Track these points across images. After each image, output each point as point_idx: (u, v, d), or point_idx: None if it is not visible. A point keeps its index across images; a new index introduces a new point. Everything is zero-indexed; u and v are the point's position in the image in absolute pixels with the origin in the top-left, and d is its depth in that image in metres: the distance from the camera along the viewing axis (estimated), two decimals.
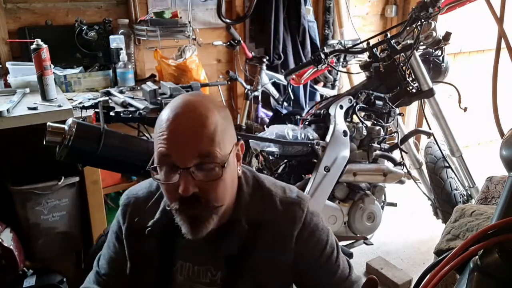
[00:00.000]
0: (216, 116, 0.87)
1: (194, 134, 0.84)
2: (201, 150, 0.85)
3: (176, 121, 0.85)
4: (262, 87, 2.84)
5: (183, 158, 0.84)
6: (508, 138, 0.76)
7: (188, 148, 0.84)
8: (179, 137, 0.84)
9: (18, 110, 1.81)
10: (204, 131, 0.85)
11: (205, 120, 0.85)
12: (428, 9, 1.91)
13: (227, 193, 0.92)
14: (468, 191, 2.32)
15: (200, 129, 0.85)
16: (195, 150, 0.84)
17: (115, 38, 2.40)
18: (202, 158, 0.85)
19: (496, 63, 1.09)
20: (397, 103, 2.04)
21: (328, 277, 1.04)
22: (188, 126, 0.85)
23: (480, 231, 0.69)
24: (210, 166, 0.86)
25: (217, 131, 0.86)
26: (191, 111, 0.86)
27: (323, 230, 1.03)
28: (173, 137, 0.84)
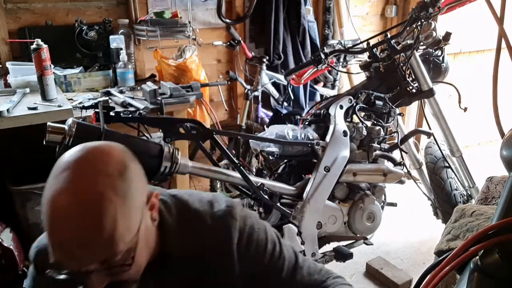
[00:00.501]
0: (114, 201, 0.69)
1: (85, 244, 0.68)
2: (99, 259, 0.70)
3: (59, 225, 0.68)
4: (262, 87, 2.84)
5: (77, 266, 0.69)
6: (508, 138, 0.76)
7: (80, 257, 0.69)
8: (66, 246, 0.68)
9: (18, 110, 1.81)
10: (98, 238, 0.68)
11: (98, 221, 0.68)
12: (428, 9, 1.91)
13: (143, 258, 0.81)
14: (468, 191, 2.32)
15: (92, 238, 0.68)
16: (90, 260, 0.69)
17: (115, 38, 2.40)
18: (103, 264, 0.71)
19: (496, 63, 1.09)
20: (397, 103, 2.04)
21: (277, 273, 1.00)
22: (76, 234, 0.67)
23: (480, 231, 0.69)
24: (116, 264, 0.73)
25: (117, 225, 0.69)
26: (78, 213, 0.67)
27: (260, 228, 0.99)
28: (58, 242, 0.68)
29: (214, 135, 1.67)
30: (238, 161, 1.73)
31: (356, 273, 2.40)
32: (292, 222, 1.80)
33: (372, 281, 2.34)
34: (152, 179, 1.56)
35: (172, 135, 1.59)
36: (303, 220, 1.80)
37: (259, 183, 1.74)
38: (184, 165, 1.58)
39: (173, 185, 2.31)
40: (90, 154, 0.73)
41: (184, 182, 2.27)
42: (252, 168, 2.76)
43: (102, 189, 0.69)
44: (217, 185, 2.94)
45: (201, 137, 1.68)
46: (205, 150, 1.73)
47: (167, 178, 1.61)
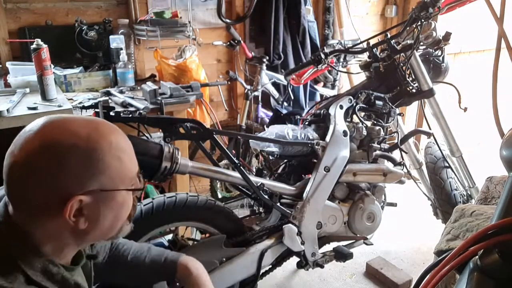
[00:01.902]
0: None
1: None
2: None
3: (129, 142, 0.92)
4: (262, 87, 2.84)
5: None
6: (508, 138, 0.76)
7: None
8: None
9: (18, 110, 1.81)
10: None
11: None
12: (428, 9, 1.91)
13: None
14: (468, 191, 2.32)
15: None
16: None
17: (115, 38, 2.40)
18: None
19: (496, 63, 1.09)
20: (397, 103, 2.04)
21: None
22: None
23: (480, 231, 0.69)
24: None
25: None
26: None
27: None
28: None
29: (214, 135, 1.67)
30: (238, 161, 1.73)
31: (356, 273, 2.40)
32: (292, 222, 1.80)
33: (372, 281, 2.34)
34: (152, 179, 1.57)
35: (172, 135, 1.59)
36: (303, 220, 1.80)
37: (259, 183, 1.74)
38: (184, 165, 1.58)
39: (173, 185, 2.31)
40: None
41: (184, 182, 2.27)
42: (252, 168, 2.76)
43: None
44: (217, 185, 2.94)
45: (201, 137, 1.68)
46: (205, 150, 1.73)
47: (167, 178, 1.61)
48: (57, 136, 0.78)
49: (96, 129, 0.82)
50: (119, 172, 0.84)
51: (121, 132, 0.89)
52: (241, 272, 1.71)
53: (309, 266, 1.89)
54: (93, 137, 0.81)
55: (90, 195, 0.80)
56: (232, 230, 1.73)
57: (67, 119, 0.83)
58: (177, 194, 1.63)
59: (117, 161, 0.83)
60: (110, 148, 0.82)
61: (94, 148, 0.80)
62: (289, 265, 2.25)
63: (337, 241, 2.00)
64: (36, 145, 0.77)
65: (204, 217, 1.68)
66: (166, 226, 1.63)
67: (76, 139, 0.79)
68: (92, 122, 0.84)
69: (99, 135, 0.82)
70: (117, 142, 0.85)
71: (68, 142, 0.78)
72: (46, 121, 0.81)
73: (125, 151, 0.87)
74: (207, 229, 1.71)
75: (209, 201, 1.67)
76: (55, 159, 0.77)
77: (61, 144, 0.78)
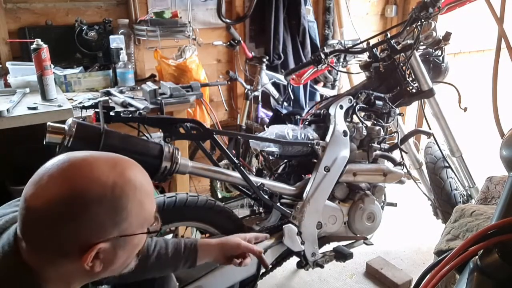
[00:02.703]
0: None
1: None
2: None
3: (149, 179, 0.89)
4: (262, 87, 2.84)
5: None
6: (508, 138, 0.76)
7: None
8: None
9: (18, 110, 1.81)
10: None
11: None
12: (428, 9, 1.91)
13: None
14: (468, 191, 2.32)
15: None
16: None
17: (115, 38, 2.40)
18: None
19: (496, 63, 1.09)
20: (397, 103, 2.04)
21: None
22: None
23: (480, 231, 0.69)
24: None
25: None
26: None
27: None
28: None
29: (214, 135, 1.67)
30: (238, 161, 1.73)
31: (356, 273, 2.40)
32: (292, 222, 1.80)
33: (372, 281, 2.34)
34: (152, 179, 1.56)
35: (172, 135, 1.59)
36: (303, 220, 1.80)
37: (259, 183, 1.74)
38: (184, 165, 1.58)
39: (173, 185, 2.31)
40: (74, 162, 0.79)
41: (184, 182, 2.27)
42: (252, 168, 2.76)
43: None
44: (217, 185, 2.94)
45: (201, 137, 1.68)
46: (205, 150, 1.73)
47: (167, 178, 1.61)
48: (83, 185, 0.75)
49: (122, 174, 0.80)
50: (139, 217, 0.82)
51: (142, 170, 0.87)
52: (241, 272, 1.71)
53: (309, 266, 1.89)
54: (119, 185, 0.78)
55: (110, 242, 0.78)
56: (232, 230, 1.73)
57: (91, 162, 0.79)
58: (177, 194, 1.63)
59: (139, 207, 0.82)
60: (135, 194, 0.80)
61: (120, 197, 0.78)
62: (289, 265, 2.25)
63: (337, 241, 2.00)
64: (59, 192, 0.74)
65: (204, 217, 1.68)
66: (166, 226, 1.64)
67: (102, 189, 0.76)
68: (117, 165, 0.81)
69: (125, 181, 0.79)
70: (141, 186, 0.83)
71: (94, 192, 0.75)
72: (70, 164, 0.77)
73: (148, 194, 0.85)
74: (207, 229, 1.71)
75: (209, 201, 1.67)
76: (80, 209, 0.74)
77: (87, 194, 0.75)
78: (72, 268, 0.79)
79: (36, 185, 0.76)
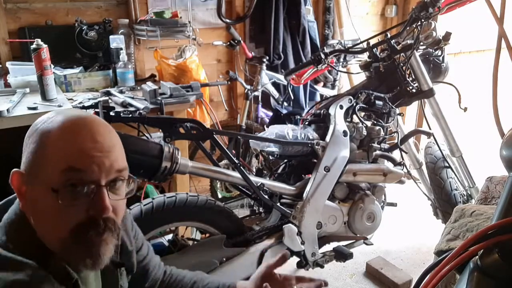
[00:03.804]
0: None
1: (112, 147, 0.80)
2: (119, 164, 0.81)
3: (89, 134, 0.78)
4: (262, 87, 2.84)
5: (100, 174, 0.78)
6: (508, 138, 0.76)
7: (106, 162, 0.78)
8: (95, 152, 0.77)
9: (18, 110, 1.81)
10: (119, 146, 0.82)
11: (117, 139, 0.82)
12: (428, 9, 1.91)
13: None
14: (468, 191, 2.32)
15: (118, 143, 0.82)
16: (113, 163, 0.79)
17: (115, 38, 2.40)
18: (120, 172, 0.81)
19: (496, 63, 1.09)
20: (397, 103, 2.04)
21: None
22: (105, 139, 0.79)
23: (480, 231, 0.69)
24: (124, 181, 0.83)
25: (122, 152, 0.84)
26: (100, 125, 0.81)
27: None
28: (87, 152, 0.77)
29: (214, 135, 1.67)
30: (238, 161, 1.73)
31: (356, 273, 2.40)
32: (292, 222, 1.80)
33: (372, 281, 2.34)
34: (152, 179, 1.57)
35: (172, 135, 1.59)
36: (303, 220, 1.80)
37: (259, 183, 1.74)
38: (184, 165, 1.58)
39: (173, 185, 2.31)
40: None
41: (184, 182, 2.27)
42: (252, 168, 2.76)
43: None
44: (217, 185, 2.94)
45: (201, 137, 1.68)
46: (205, 150, 1.73)
47: (167, 178, 1.61)
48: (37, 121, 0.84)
49: (53, 121, 0.82)
50: (35, 164, 0.80)
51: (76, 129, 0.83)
52: (241, 272, 1.71)
53: (309, 266, 1.89)
54: (42, 127, 0.82)
55: (22, 177, 0.81)
56: (232, 230, 1.73)
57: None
58: (177, 194, 1.63)
59: (35, 153, 0.80)
60: (42, 140, 0.80)
61: (30, 136, 0.82)
62: (289, 265, 2.25)
63: (337, 241, 2.00)
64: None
65: (204, 217, 1.68)
66: (166, 226, 1.64)
67: (35, 124, 0.83)
68: (62, 115, 0.84)
69: (47, 126, 0.82)
70: (53, 137, 0.81)
71: (33, 127, 0.83)
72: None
73: (55, 148, 0.80)
74: (207, 229, 1.71)
75: (209, 201, 1.67)
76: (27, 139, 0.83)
77: (32, 127, 0.83)
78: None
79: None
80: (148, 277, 1.17)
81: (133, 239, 1.08)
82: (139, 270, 1.12)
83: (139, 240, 1.14)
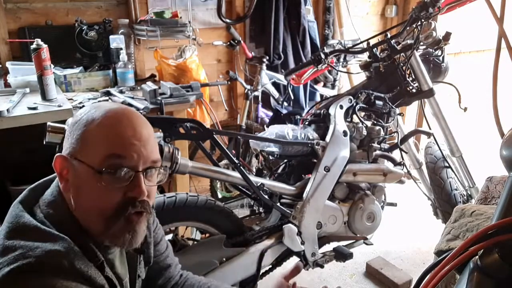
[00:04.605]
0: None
1: (148, 138, 0.90)
2: (154, 155, 0.91)
3: (130, 124, 0.88)
4: (262, 87, 2.84)
5: (138, 161, 0.87)
6: (508, 138, 0.76)
7: (144, 151, 0.88)
8: (135, 141, 0.87)
9: (18, 110, 1.81)
10: (153, 137, 0.92)
11: (152, 130, 0.93)
12: (428, 9, 1.91)
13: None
14: (468, 191, 2.32)
15: (152, 135, 0.92)
16: (149, 154, 0.89)
17: (115, 38, 2.40)
18: (154, 162, 0.91)
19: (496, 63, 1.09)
20: (397, 103, 2.04)
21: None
22: (143, 130, 0.89)
23: (480, 231, 0.69)
24: (158, 170, 0.93)
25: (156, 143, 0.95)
26: (139, 117, 0.91)
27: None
28: (130, 140, 0.86)
29: (214, 135, 1.67)
30: (238, 161, 1.73)
31: (356, 273, 2.40)
32: (292, 222, 1.80)
33: (372, 281, 2.34)
34: None
35: (172, 135, 1.59)
36: (303, 220, 1.80)
37: (259, 183, 1.74)
38: (184, 165, 1.58)
39: (173, 185, 2.31)
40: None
41: (184, 182, 2.27)
42: (252, 168, 2.76)
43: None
44: (217, 185, 2.94)
45: (201, 137, 1.68)
46: (205, 150, 1.73)
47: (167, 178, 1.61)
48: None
49: (98, 110, 0.90)
50: (85, 149, 0.86)
51: (126, 119, 0.92)
52: (241, 272, 1.71)
53: (309, 266, 1.89)
54: (86, 116, 0.89)
55: (66, 160, 0.88)
56: (232, 230, 1.73)
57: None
58: (177, 194, 1.63)
59: (85, 140, 0.87)
60: (93, 128, 0.87)
61: (78, 124, 0.88)
62: (289, 265, 2.25)
63: (337, 241, 2.00)
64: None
65: (204, 217, 1.68)
66: (166, 226, 1.63)
67: (79, 114, 0.91)
68: (103, 106, 0.91)
69: (93, 115, 0.89)
70: (101, 125, 0.88)
71: (77, 116, 0.91)
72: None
73: (106, 137, 0.89)
74: (207, 229, 1.71)
75: (209, 201, 1.67)
76: (71, 127, 0.90)
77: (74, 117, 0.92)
78: (62, 185, 0.89)
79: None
80: (163, 274, 1.20)
81: (153, 232, 1.13)
82: (154, 266, 1.15)
83: (158, 234, 1.18)
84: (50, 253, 0.78)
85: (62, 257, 0.79)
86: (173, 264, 1.23)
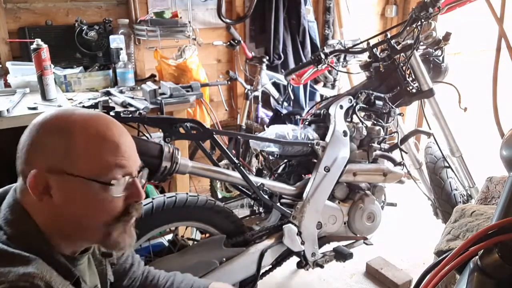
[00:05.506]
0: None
1: (133, 144, 0.92)
2: (138, 158, 0.94)
3: (116, 130, 0.88)
4: (262, 87, 2.84)
5: (134, 166, 0.90)
6: (508, 138, 0.76)
7: (133, 155, 0.90)
8: (127, 148, 0.88)
9: (18, 110, 1.81)
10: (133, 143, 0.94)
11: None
12: (428, 9, 1.91)
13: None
14: (468, 191, 2.32)
15: (133, 141, 0.94)
16: (137, 156, 0.92)
17: (115, 38, 2.40)
18: (139, 164, 0.94)
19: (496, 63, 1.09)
20: (397, 103, 2.04)
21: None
22: (125, 133, 0.90)
23: (480, 231, 0.69)
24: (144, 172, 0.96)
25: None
26: (113, 119, 0.91)
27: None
28: (124, 148, 0.87)
29: (214, 135, 1.67)
30: (238, 161, 1.73)
31: (356, 273, 2.40)
32: (292, 222, 1.80)
33: (372, 281, 2.34)
34: (152, 179, 1.57)
35: (172, 135, 1.59)
36: (303, 220, 1.80)
37: (259, 183, 1.74)
38: (184, 165, 1.58)
39: (173, 185, 2.31)
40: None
41: (184, 182, 2.27)
42: (252, 168, 2.76)
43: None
44: (217, 185, 2.94)
45: (201, 137, 1.68)
46: (205, 150, 1.73)
47: (167, 178, 1.61)
48: (45, 117, 0.89)
49: (81, 118, 0.89)
50: (88, 162, 0.84)
51: (109, 125, 0.92)
52: (241, 272, 1.71)
53: (309, 266, 1.89)
54: (73, 125, 0.86)
55: (54, 174, 0.84)
56: (232, 230, 1.73)
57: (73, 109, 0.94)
58: (177, 194, 1.63)
59: (86, 151, 0.86)
60: (86, 138, 0.85)
61: (67, 134, 0.85)
62: (289, 265, 2.25)
63: (337, 241, 2.00)
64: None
65: (204, 217, 1.68)
66: (166, 226, 1.63)
67: (57, 122, 0.87)
68: (85, 113, 0.90)
69: (79, 124, 0.87)
70: (97, 133, 0.88)
71: (50, 123, 0.88)
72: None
73: (106, 144, 0.89)
74: (207, 229, 1.71)
75: (209, 201, 1.67)
76: (34, 133, 0.90)
77: (45, 124, 0.88)
78: (31, 201, 0.85)
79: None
80: (127, 274, 1.19)
81: None
82: (119, 267, 1.15)
83: None
84: (24, 276, 0.74)
85: (37, 279, 0.76)
86: (136, 261, 1.22)
